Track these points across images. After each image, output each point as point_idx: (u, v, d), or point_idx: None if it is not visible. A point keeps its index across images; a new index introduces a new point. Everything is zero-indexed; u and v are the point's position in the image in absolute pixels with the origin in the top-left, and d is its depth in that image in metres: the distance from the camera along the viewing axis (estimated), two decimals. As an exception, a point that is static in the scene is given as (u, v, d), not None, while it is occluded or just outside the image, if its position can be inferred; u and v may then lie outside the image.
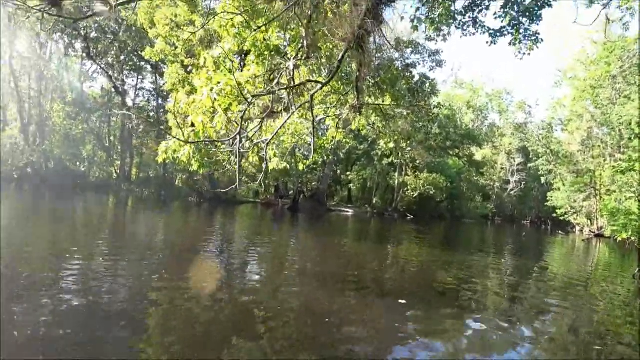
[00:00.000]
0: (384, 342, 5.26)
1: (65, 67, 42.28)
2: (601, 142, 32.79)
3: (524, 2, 7.14)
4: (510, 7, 7.22)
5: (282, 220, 25.73)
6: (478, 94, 55.06)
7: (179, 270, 8.09)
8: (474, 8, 7.67)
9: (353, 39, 2.90)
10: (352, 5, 3.01)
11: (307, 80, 5.52)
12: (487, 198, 49.47)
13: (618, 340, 6.11)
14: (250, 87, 5.75)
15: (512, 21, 7.48)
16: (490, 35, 7.92)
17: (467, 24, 7.88)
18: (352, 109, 7.14)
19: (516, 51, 8.05)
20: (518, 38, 7.70)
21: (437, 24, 7.75)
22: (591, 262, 16.84)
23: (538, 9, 7.26)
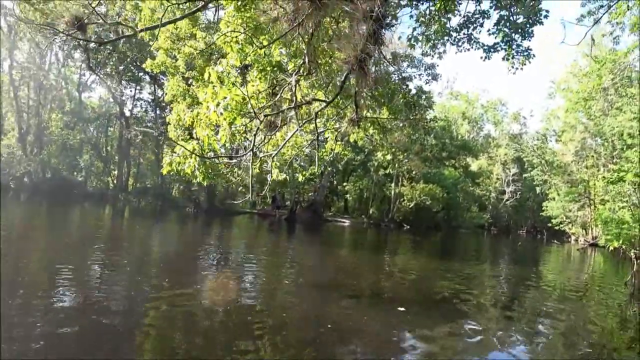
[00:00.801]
0: (384, 348, 5.41)
1: (64, 77, 42.57)
2: (594, 152, 33.21)
3: (517, 19, 7.44)
4: (503, 24, 7.52)
5: (280, 230, 25.82)
6: (473, 105, 55.68)
7: (179, 281, 8.17)
8: (469, 25, 7.96)
9: (356, 62, 3.11)
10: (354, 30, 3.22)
11: (313, 99, 5.72)
12: (483, 208, 49.67)
13: (611, 345, 6.28)
14: (254, 102, 5.95)
15: (505, 37, 7.77)
16: (484, 50, 8.21)
17: (462, 40, 8.18)
18: (350, 122, 7.36)
19: (509, 66, 8.33)
20: (511, 53, 7.99)
21: (432, 41, 8.05)
22: (586, 271, 17.07)
23: (530, 26, 7.56)
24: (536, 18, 7.29)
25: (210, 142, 6.22)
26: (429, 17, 7.67)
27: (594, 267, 18.93)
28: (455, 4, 7.35)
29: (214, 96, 5.76)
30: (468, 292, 9.69)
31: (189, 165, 6.23)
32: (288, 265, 12.33)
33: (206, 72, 6.57)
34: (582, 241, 33.30)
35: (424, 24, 7.82)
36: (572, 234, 36.30)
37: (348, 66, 3.17)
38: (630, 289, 11.07)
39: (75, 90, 43.03)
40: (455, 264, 15.39)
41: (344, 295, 8.33)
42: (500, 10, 7.44)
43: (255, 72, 6.98)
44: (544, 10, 7.25)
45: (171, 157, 6.55)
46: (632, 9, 10.75)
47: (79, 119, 41.27)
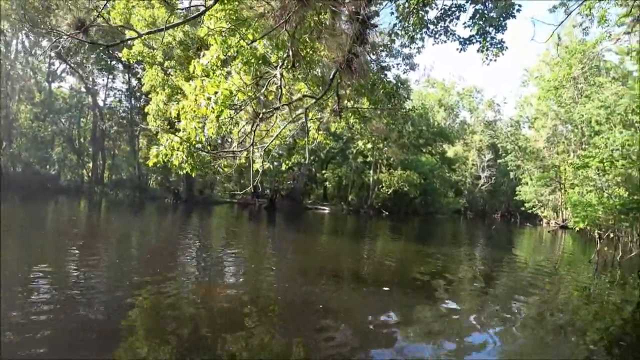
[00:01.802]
0: (373, 323, 5.75)
1: (32, 67, 40.98)
2: (565, 138, 34.46)
3: (491, 13, 7.76)
4: (478, 17, 7.83)
5: (261, 219, 26.00)
6: (449, 93, 56.58)
7: (162, 273, 7.99)
8: (445, 18, 8.25)
9: (343, 61, 3.31)
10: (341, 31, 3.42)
11: (305, 95, 5.90)
12: (459, 193, 50.99)
13: (578, 319, 6.80)
14: (240, 95, 6.08)
15: (480, 30, 8.09)
16: (460, 43, 8.52)
17: (438, 32, 8.47)
18: (333, 112, 7.60)
19: (484, 57, 8.68)
20: (485, 46, 8.32)
21: (410, 33, 8.31)
22: (556, 251, 17.99)
23: (503, 20, 7.89)
24: (509, 12, 7.62)
25: (198, 134, 6.33)
26: (408, 10, 7.91)
27: (563, 247, 19.92)
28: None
29: (202, 89, 5.86)
30: (447, 273, 10.22)
31: (177, 157, 6.33)
32: (272, 252, 12.57)
33: (191, 65, 6.63)
34: (553, 223, 34.74)
35: (402, 17, 8.06)
36: (544, 217, 37.76)
37: (336, 65, 3.37)
38: (594, 266, 11.82)
39: (45, 80, 41.52)
40: (433, 247, 15.97)
41: (330, 278, 8.68)
42: (476, 4, 7.74)
43: (240, 65, 7.07)
44: (517, 5, 7.60)
45: (158, 149, 6.63)
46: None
47: (50, 110, 39.92)
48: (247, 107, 6.31)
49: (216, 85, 5.86)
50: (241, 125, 7.79)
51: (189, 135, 6.21)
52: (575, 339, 5.66)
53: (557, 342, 5.48)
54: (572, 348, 5.27)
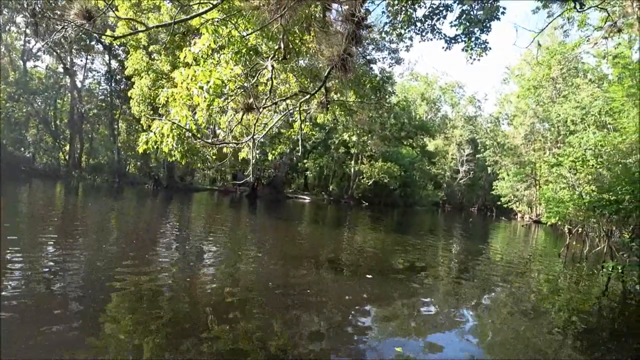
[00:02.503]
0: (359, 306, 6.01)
1: (5, 44, 39.43)
2: (542, 136, 35.52)
3: (476, 15, 8.02)
4: (464, 18, 8.09)
5: (242, 207, 26.06)
6: (432, 87, 57.29)
7: (142, 259, 7.93)
8: (433, 17, 8.48)
9: (338, 60, 3.47)
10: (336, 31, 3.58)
11: (300, 91, 6.03)
12: (438, 186, 52.07)
13: (546, 307, 7.24)
14: (231, 85, 6.17)
15: (466, 30, 8.36)
16: (446, 41, 8.80)
17: (425, 30, 8.70)
18: (320, 105, 7.76)
19: (468, 56, 8.98)
20: (470, 45, 8.61)
21: (399, 30, 8.51)
22: (529, 245, 18.74)
23: (488, 21, 8.18)
24: (494, 14, 7.91)
25: (188, 122, 6.40)
26: (397, 7, 8.10)
27: (536, 241, 20.74)
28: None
29: (193, 78, 5.93)
30: (425, 263, 10.63)
31: (167, 144, 6.39)
32: (253, 239, 12.71)
33: (182, 53, 6.67)
34: (527, 218, 35.93)
35: (392, 14, 8.25)
36: (519, 212, 38.97)
37: (332, 64, 3.53)
38: (563, 259, 12.44)
39: (19, 59, 40.06)
40: (412, 238, 16.41)
41: (314, 265, 8.95)
42: (463, 5, 7.99)
43: (230, 54, 7.13)
44: (502, 7, 7.89)
45: (148, 135, 6.67)
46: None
47: (25, 90, 38.59)
48: (238, 97, 6.41)
49: (208, 74, 5.94)
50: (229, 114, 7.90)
51: (179, 123, 6.27)
52: (545, 327, 6.05)
53: (527, 331, 5.85)
54: (541, 335, 5.65)
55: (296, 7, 4.78)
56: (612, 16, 16.84)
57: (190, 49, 6.66)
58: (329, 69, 3.64)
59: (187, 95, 6.71)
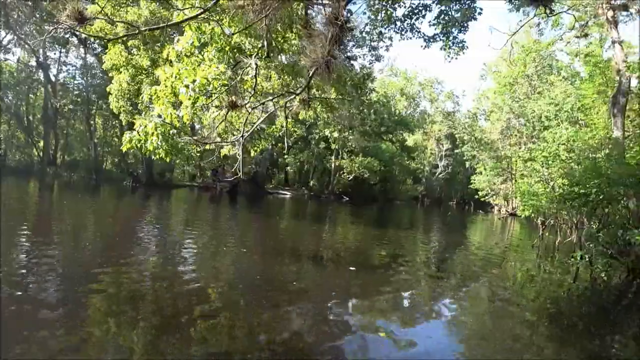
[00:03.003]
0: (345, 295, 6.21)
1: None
2: (518, 131, 36.48)
3: (454, 15, 8.28)
4: (442, 18, 8.33)
5: (224, 203, 25.97)
6: (411, 82, 57.83)
7: (121, 258, 7.68)
8: (412, 16, 8.70)
9: (322, 62, 3.62)
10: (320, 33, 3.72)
11: (287, 91, 6.14)
12: (418, 181, 52.89)
13: (521, 295, 7.61)
14: (215, 83, 6.23)
15: (444, 29, 8.61)
16: (425, 40, 9.04)
17: (405, 29, 8.92)
18: (302, 101, 7.89)
19: (446, 55, 9.25)
20: (448, 44, 8.88)
21: (379, 28, 8.71)
22: (505, 237, 19.39)
23: (465, 21, 8.44)
24: (471, 15, 8.17)
25: (172, 119, 6.43)
26: (378, 7, 8.28)
27: (512, 233, 21.45)
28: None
29: (178, 76, 5.97)
30: (406, 255, 10.99)
31: (152, 142, 6.42)
32: (236, 235, 12.77)
33: (165, 50, 6.69)
34: (504, 211, 36.93)
35: (373, 13, 8.43)
36: (496, 205, 39.98)
37: (316, 65, 3.67)
38: (537, 250, 12.98)
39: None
40: (393, 231, 16.77)
41: (298, 258, 9.17)
42: (441, 5, 8.22)
43: (214, 52, 7.17)
44: (479, 8, 8.16)
45: (131, 134, 6.67)
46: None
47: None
48: (222, 95, 6.48)
49: (193, 72, 5.98)
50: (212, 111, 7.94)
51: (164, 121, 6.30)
52: (520, 313, 6.38)
53: (505, 317, 6.18)
54: (517, 321, 5.96)
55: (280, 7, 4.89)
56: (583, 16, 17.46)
57: (173, 46, 6.69)
58: (313, 70, 3.78)
59: (171, 93, 6.75)
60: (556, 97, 28.65)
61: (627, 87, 15.22)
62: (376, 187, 43.49)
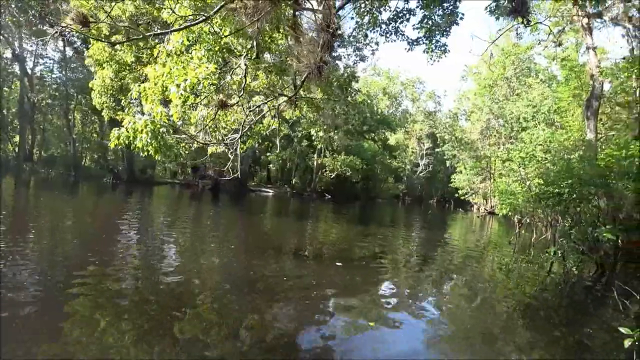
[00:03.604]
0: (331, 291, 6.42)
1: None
2: (497, 132, 37.37)
3: (437, 19, 8.57)
4: (426, 22, 8.62)
5: (206, 200, 25.90)
6: (394, 82, 58.45)
7: (103, 257, 7.55)
8: (397, 19, 8.96)
9: (315, 68, 3.80)
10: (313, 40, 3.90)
11: (280, 94, 6.29)
12: (399, 179, 53.61)
13: (498, 290, 7.98)
14: (205, 83, 6.35)
15: (427, 33, 8.90)
16: (409, 43, 9.33)
17: (390, 32, 9.18)
18: (289, 101, 8.08)
19: (428, 58, 9.55)
20: (431, 47, 9.17)
21: (365, 31, 8.95)
22: (484, 234, 19.98)
23: (448, 26, 8.75)
24: (454, 20, 8.48)
25: (162, 117, 6.52)
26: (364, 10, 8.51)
27: (490, 231, 22.09)
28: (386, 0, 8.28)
29: (169, 75, 6.07)
30: (389, 252, 11.33)
31: (141, 139, 6.48)
32: (220, 233, 12.85)
33: (156, 50, 6.76)
34: (483, 210, 37.80)
35: (359, 16, 8.66)
36: (475, 204, 40.88)
37: (309, 70, 3.85)
38: (513, 247, 13.49)
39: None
40: (375, 229, 17.08)
41: (286, 254, 9.41)
42: (425, 10, 8.50)
43: (203, 51, 7.26)
44: (460, 13, 8.47)
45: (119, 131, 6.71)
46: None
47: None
48: (212, 94, 6.60)
49: (183, 72, 6.08)
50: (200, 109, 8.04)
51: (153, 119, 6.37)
52: (498, 307, 6.73)
53: (483, 310, 6.50)
54: (495, 314, 6.29)
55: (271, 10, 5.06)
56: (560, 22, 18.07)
57: (164, 45, 6.77)
58: (306, 74, 3.96)
59: (160, 91, 6.83)
60: (534, 99, 29.54)
61: (600, 91, 15.89)
62: (358, 185, 43.91)
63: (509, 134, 34.28)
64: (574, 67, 20.43)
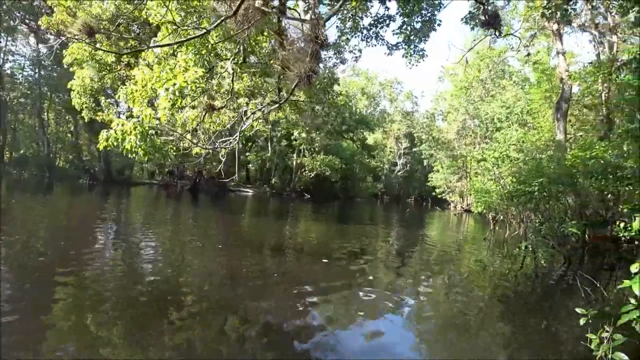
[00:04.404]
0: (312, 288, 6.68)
1: None
2: (472, 132, 38.44)
3: (416, 26, 8.96)
4: (405, 28, 9.00)
5: (186, 201, 25.79)
6: (372, 82, 59.22)
7: (80, 259, 7.39)
8: (377, 25, 9.31)
9: (305, 76, 4.05)
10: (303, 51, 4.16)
11: (272, 101, 6.50)
12: (377, 179, 54.38)
13: (474, 283, 8.42)
14: (193, 86, 6.52)
15: (406, 39, 9.28)
16: (388, 48, 9.70)
17: (370, 37, 9.54)
18: (273, 103, 8.33)
19: (407, 62, 9.95)
20: (409, 52, 9.57)
21: (347, 36, 9.27)
22: (460, 231, 20.67)
23: (426, 32, 9.15)
24: (431, 26, 8.89)
25: (150, 120, 6.66)
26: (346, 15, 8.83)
27: (466, 228, 22.84)
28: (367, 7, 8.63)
29: (159, 78, 6.22)
30: (369, 249, 11.72)
31: (129, 141, 6.60)
32: (204, 232, 12.91)
33: (143, 54, 6.89)
34: (459, 208, 38.83)
35: (341, 21, 8.97)
36: (452, 202, 41.90)
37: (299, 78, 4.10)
38: (488, 242, 14.10)
39: None
40: (355, 227, 17.51)
41: (271, 251, 9.62)
42: (404, 17, 8.87)
43: (190, 55, 7.42)
44: (438, 20, 8.89)
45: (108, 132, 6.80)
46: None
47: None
48: (199, 97, 6.78)
49: (172, 75, 6.24)
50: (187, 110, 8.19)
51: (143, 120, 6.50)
52: (474, 298, 7.15)
53: (459, 302, 6.90)
54: (472, 305, 6.70)
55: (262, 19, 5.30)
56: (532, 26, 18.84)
57: (152, 49, 6.90)
58: (296, 82, 4.21)
59: (148, 94, 6.96)
60: (507, 100, 30.60)
61: (569, 94, 16.72)
62: (337, 184, 44.34)
63: (484, 134, 35.33)
64: (545, 70, 21.34)
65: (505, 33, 10.54)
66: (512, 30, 23.33)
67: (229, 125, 10.68)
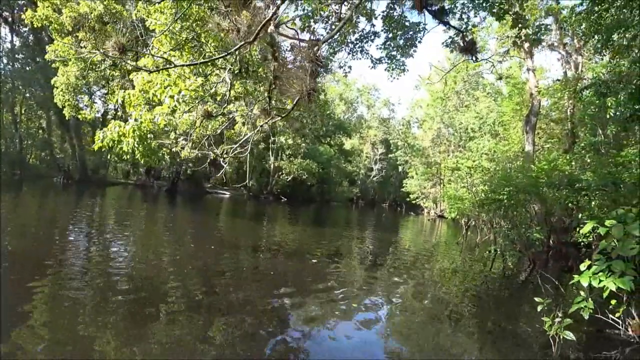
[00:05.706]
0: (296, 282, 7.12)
1: None
2: (447, 140, 39.77)
3: (398, 43, 9.60)
4: (388, 44, 9.64)
5: (163, 202, 25.68)
6: (350, 88, 60.21)
7: (53, 261, 7.13)
8: (363, 40, 9.93)
9: (305, 94, 4.49)
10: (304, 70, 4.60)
11: (276, 114, 6.89)
12: (353, 183, 55.23)
13: (446, 284, 9.07)
14: (192, 94, 6.88)
15: (389, 54, 9.93)
16: (372, 61, 10.35)
17: (356, 51, 10.15)
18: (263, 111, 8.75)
19: (389, 75, 10.60)
20: (392, 66, 10.22)
21: (334, 49, 9.84)
22: (434, 236, 21.55)
23: (408, 47, 9.81)
24: (413, 42, 9.55)
25: (147, 124, 6.97)
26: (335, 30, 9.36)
27: (440, 233, 23.78)
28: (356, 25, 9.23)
29: (161, 85, 6.55)
30: (343, 252, 12.32)
31: (127, 143, 6.89)
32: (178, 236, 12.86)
33: (141, 60, 7.20)
34: (433, 213, 40.02)
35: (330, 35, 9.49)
36: (425, 207, 43.09)
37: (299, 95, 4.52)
38: (460, 246, 14.92)
39: None
40: (331, 230, 18.09)
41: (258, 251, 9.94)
42: (388, 33, 9.50)
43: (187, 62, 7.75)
44: (419, 36, 9.57)
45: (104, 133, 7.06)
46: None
47: None
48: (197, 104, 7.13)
49: (172, 82, 6.58)
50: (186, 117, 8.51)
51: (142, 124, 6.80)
52: (445, 298, 7.76)
53: (432, 303, 7.50)
54: (443, 305, 7.30)
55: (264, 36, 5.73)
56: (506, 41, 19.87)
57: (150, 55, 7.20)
58: (297, 99, 4.65)
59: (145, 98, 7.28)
60: (481, 111, 31.97)
61: (537, 108, 17.85)
62: (314, 188, 44.79)
63: (458, 143, 36.66)
64: (516, 84, 22.57)
65: (479, 59, 11.32)
66: (487, 45, 24.64)
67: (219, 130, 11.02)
